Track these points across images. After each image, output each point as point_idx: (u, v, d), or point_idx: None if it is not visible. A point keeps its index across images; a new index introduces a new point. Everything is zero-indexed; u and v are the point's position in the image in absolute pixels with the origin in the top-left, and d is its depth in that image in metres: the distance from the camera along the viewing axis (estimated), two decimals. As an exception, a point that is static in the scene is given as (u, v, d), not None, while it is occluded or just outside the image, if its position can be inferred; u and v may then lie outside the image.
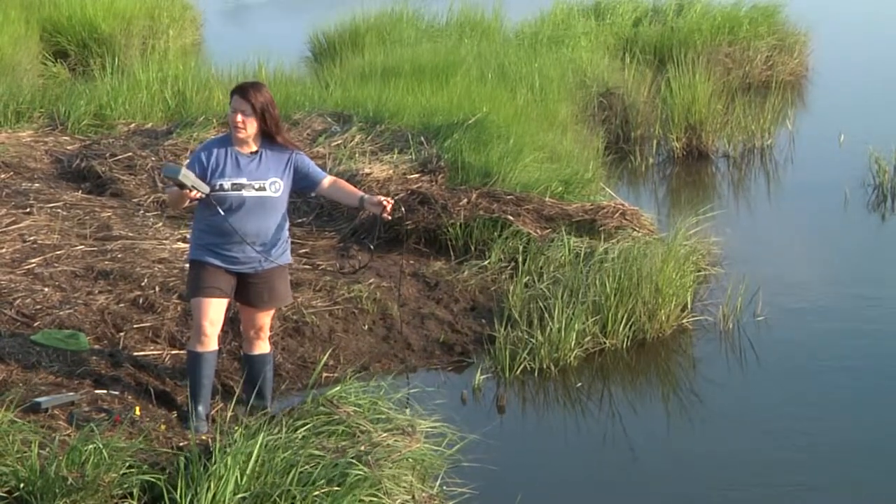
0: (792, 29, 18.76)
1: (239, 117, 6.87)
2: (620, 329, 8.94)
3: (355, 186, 8.43)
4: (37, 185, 11.10)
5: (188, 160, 7.03)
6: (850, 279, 10.38)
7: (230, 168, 6.92)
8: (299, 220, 10.42)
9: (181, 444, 6.59)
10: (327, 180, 7.18)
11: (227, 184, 6.89)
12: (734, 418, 8.06)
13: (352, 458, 6.38)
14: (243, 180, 6.91)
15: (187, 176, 6.75)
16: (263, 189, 6.93)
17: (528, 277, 9.49)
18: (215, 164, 6.92)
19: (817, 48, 18.82)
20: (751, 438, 7.74)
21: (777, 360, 8.84)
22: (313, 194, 7.38)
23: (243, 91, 6.91)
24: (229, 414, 7.15)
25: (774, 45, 18.32)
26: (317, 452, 6.38)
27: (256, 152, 6.97)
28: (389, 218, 7.19)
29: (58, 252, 9.24)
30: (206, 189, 6.84)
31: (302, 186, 7.21)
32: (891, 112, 15.65)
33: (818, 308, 9.71)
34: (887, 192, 12.45)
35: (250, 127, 6.89)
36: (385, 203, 7.00)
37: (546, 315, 8.80)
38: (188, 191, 6.76)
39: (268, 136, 6.97)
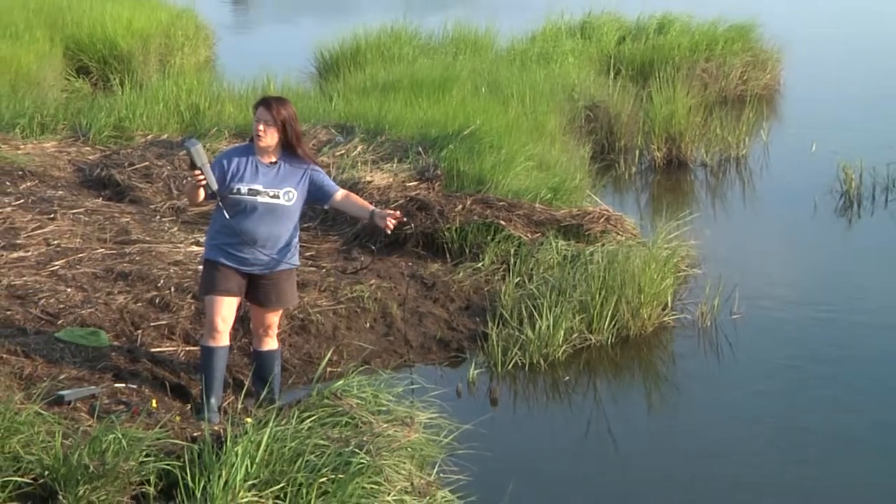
0: (765, 46, 18.77)
1: (261, 126, 6.89)
2: (605, 326, 8.94)
3: (358, 194, 8.45)
4: (60, 192, 11.10)
5: (211, 163, 7.03)
6: (819, 280, 10.41)
7: (249, 174, 6.93)
8: (305, 225, 10.40)
9: (195, 434, 6.58)
10: (340, 194, 7.17)
11: (243, 188, 6.91)
12: (711, 409, 8.07)
13: (354, 447, 6.37)
14: (259, 187, 6.92)
15: (199, 154, 6.76)
16: (277, 197, 6.94)
17: (519, 278, 9.49)
18: (236, 169, 6.94)
19: (789, 64, 18.83)
20: (726, 428, 7.76)
21: (752, 356, 8.85)
22: (326, 206, 7.36)
23: (267, 103, 6.94)
24: (240, 406, 7.15)
25: (749, 62, 18.31)
26: (322, 442, 6.37)
27: (276, 163, 6.99)
28: (389, 231, 7.18)
29: (80, 255, 9.23)
30: (215, 185, 6.84)
31: (315, 198, 7.20)
32: (857, 124, 15.68)
33: (790, 307, 9.73)
34: (853, 199, 12.46)
35: (270, 137, 6.90)
36: (393, 217, 6.99)
37: (536, 313, 8.80)
38: (196, 172, 6.76)
39: (288, 149, 6.98)
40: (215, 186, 6.86)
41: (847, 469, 7.23)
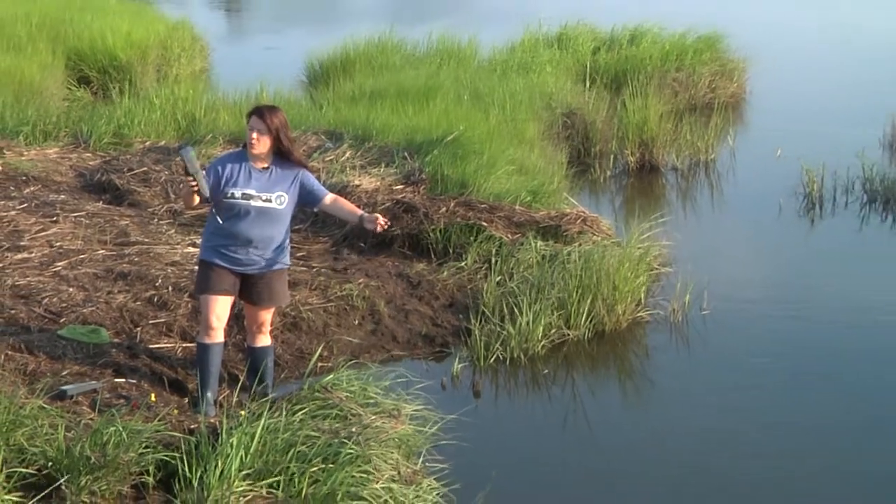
0: (732, 57, 18.81)
1: (254, 134, 6.87)
2: (582, 322, 8.94)
3: (346, 197, 8.44)
4: (62, 196, 11.05)
5: (206, 168, 7.02)
6: (784, 277, 10.43)
7: (242, 179, 6.90)
8: (296, 227, 10.37)
9: (192, 426, 6.56)
10: (329, 197, 7.15)
11: (237, 193, 6.88)
12: (682, 400, 8.09)
13: (344, 438, 6.36)
14: (252, 191, 6.89)
15: (192, 161, 6.73)
16: (269, 201, 6.92)
17: (500, 277, 9.49)
18: (229, 175, 6.91)
19: (754, 74, 18.87)
20: (697, 418, 7.77)
21: (720, 349, 8.87)
22: (315, 209, 7.35)
23: (260, 112, 6.91)
24: (235, 400, 7.13)
25: (716, 71, 18.35)
26: (313, 433, 6.36)
27: (268, 168, 6.96)
28: (377, 231, 7.15)
29: (81, 256, 9.20)
30: (207, 192, 6.81)
31: (306, 202, 7.17)
32: (819, 130, 15.72)
33: (757, 303, 9.75)
34: (816, 201, 12.50)
35: (264, 144, 6.88)
36: (380, 223, 6.98)
37: (516, 310, 8.79)
38: (189, 178, 6.74)
39: (280, 155, 6.96)
40: (207, 193, 6.84)
41: (811, 457, 7.25)
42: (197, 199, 6.88)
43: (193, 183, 6.76)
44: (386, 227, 7.06)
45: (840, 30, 24.67)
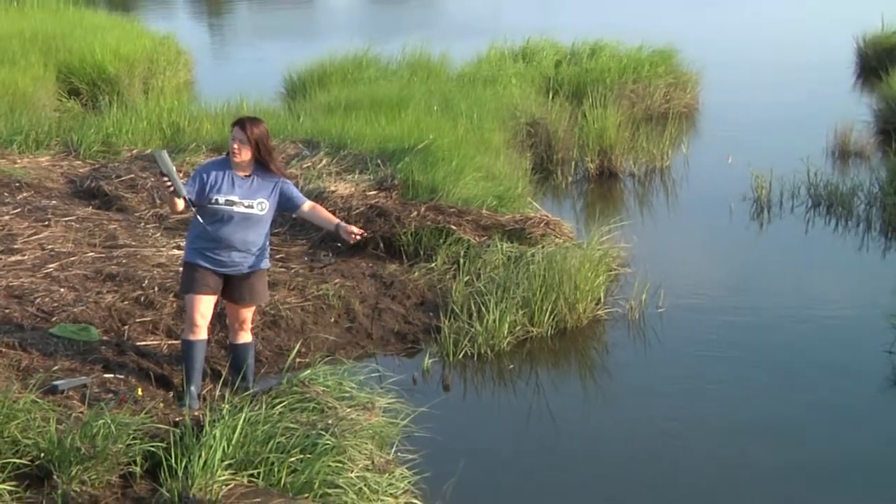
0: (685, 69, 18.86)
1: (236, 144, 6.87)
2: (545, 320, 8.98)
3: (322, 202, 8.45)
4: (54, 202, 10.99)
5: (191, 175, 7.03)
6: (734, 278, 10.49)
7: (226, 186, 6.90)
8: (275, 230, 10.35)
9: (177, 419, 6.56)
10: (307, 205, 7.16)
11: (221, 199, 6.89)
12: (639, 393, 8.12)
13: (321, 430, 6.37)
14: (235, 198, 6.90)
15: (165, 163, 6.70)
16: (251, 207, 6.92)
17: (468, 277, 9.51)
18: (213, 181, 6.91)
19: (706, 86, 18.95)
20: (652, 409, 7.81)
21: (675, 345, 8.91)
22: (294, 216, 7.36)
23: (242, 123, 6.91)
24: (217, 393, 7.12)
25: (671, 83, 18.35)
26: (291, 425, 6.36)
27: (250, 176, 6.96)
28: (352, 242, 7.18)
29: (72, 258, 9.16)
30: (182, 191, 6.78)
31: (285, 208, 7.18)
32: (767, 138, 15.80)
33: (709, 302, 9.79)
34: (764, 205, 12.56)
35: (244, 153, 6.88)
36: (356, 234, 7.00)
37: (483, 308, 8.82)
38: (164, 178, 6.72)
39: (260, 164, 6.96)
40: (183, 192, 6.81)
41: (764, 446, 7.30)
42: (180, 203, 6.86)
43: (169, 183, 6.75)
44: (361, 237, 7.09)
45: (786, 45, 24.82)
